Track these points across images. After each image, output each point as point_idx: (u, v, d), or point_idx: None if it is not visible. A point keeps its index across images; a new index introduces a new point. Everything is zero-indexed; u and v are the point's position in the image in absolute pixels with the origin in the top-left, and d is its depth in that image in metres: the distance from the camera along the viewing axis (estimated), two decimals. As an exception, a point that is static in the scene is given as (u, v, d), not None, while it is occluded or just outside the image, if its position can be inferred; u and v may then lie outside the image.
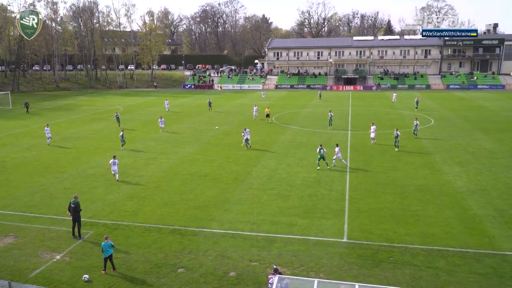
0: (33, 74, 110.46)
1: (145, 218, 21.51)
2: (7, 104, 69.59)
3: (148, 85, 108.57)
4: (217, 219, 21.21)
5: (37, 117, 57.30)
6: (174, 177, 28.53)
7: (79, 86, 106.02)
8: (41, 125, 50.79)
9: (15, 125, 51.29)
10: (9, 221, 21.35)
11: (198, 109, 62.31)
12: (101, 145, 38.99)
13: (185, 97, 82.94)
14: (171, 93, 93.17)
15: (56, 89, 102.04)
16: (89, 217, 21.65)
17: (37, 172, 30.23)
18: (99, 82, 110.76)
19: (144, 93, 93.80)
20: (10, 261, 17.35)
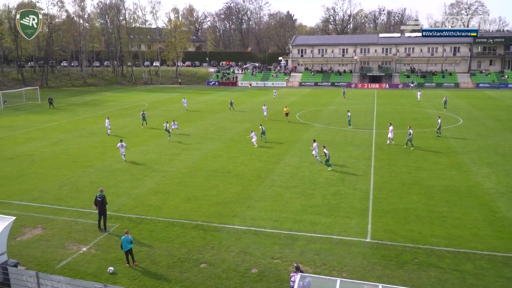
0: (61, 70, 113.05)
1: (169, 213, 21.79)
2: (36, 99, 71.43)
3: (172, 82, 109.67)
4: (239, 216, 21.30)
5: (65, 112, 58.63)
6: (198, 173, 28.77)
7: (105, 82, 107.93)
8: (69, 119, 51.99)
9: (43, 119, 52.60)
10: (38, 213, 21.95)
11: (222, 106, 62.60)
12: (126, 140, 39.51)
13: (209, 94, 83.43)
14: (195, 89, 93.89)
15: (83, 85, 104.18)
16: (114, 210, 22.06)
17: (64, 165, 30.96)
18: (125, 78, 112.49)
19: (168, 89, 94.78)
20: (38, 252, 17.85)
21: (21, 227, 20.14)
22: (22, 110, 61.91)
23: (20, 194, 24.86)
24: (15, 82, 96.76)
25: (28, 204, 23.18)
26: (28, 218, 21.22)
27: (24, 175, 28.71)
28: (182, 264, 16.81)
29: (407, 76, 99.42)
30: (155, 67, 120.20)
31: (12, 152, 34.96)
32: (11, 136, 41.85)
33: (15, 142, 39.12)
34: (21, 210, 22.33)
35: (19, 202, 23.53)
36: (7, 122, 51.17)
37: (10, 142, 38.92)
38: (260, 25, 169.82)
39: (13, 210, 22.13)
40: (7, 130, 45.43)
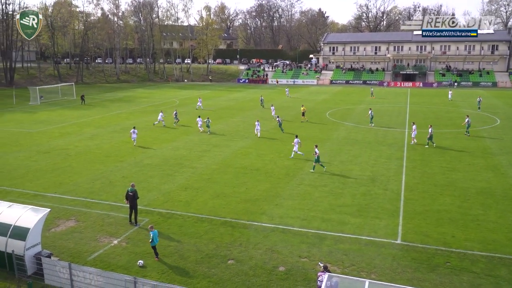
0: (95, 66, 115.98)
1: (197, 208, 22.03)
2: (71, 95, 73.49)
3: (203, 79, 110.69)
4: (267, 213, 21.31)
5: (99, 108, 60.10)
6: (227, 169, 28.97)
7: (138, 79, 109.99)
8: (102, 115, 53.30)
9: (78, 115, 54.10)
10: (72, 205, 22.61)
11: (252, 104, 62.75)
12: (158, 136, 40.28)
13: (239, 92, 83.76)
14: (225, 87, 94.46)
15: (117, 81, 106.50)
16: (144, 205, 22.48)
17: (98, 160, 31.77)
18: (157, 75, 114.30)
19: (199, 86, 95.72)
20: (71, 243, 18.39)
21: (55, 219, 20.79)
22: (57, 105, 63.85)
23: (54, 187, 25.68)
24: (51, 78, 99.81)
25: (62, 197, 23.91)
26: (62, 211, 21.88)
27: (59, 168, 29.63)
28: (210, 260, 16.96)
29: (442, 75, 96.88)
30: (187, 64, 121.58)
31: (48, 146, 36.12)
32: (47, 131, 43.24)
33: (51, 136, 40.40)
34: (55, 202, 23.06)
35: (53, 194, 24.31)
36: (43, 117, 52.89)
37: (46, 137, 40.22)
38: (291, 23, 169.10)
39: (47, 202, 22.87)
40: (44, 124, 46.95)
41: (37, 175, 28.04)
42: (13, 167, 30.05)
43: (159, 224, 20.04)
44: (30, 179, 27.27)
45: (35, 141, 38.45)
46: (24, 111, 58.08)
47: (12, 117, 52.77)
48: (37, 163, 30.95)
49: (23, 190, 25.01)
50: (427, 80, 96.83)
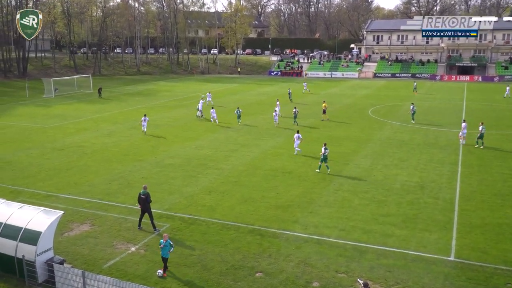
0: (114, 57, 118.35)
1: (223, 214, 22.13)
2: (88, 87, 75.32)
3: (231, 71, 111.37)
4: (301, 222, 21.20)
5: (117, 102, 61.35)
6: (256, 172, 29.01)
7: (160, 71, 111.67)
8: (121, 110, 54.35)
9: (95, 109, 55.37)
10: (86, 208, 23.12)
11: (284, 99, 62.62)
12: (180, 133, 40.76)
13: (271, 85, 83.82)
14: (255, 80, 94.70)
15: (137, 73, 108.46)
16: (165, 209, 22.76)
17: (115, 159, 32.40)
18: (180, 66, 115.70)
19: (227, 79, 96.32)
20: (85, 249, 18.79)
21: (69, 222, 21.30)
22: (73, 98, 65.57)
23: (69, 187, 26.33)
24: (67, 69, 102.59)
25: (77, 198, 24.49)
26: (76, 213, 22.41)
27: (73, 167, 30.38)
28: (235, 271, 16.99)
29: (504, 68, 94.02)
30: (213, 55, 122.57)
31: (62, 143, 37.11)
32: (61, 126, 44.44)
33: (66, 132, 41.49)
34: (69, 204, 23.63)
35: (67, 195, 24.92)
36: (58, 111, 54.40)
37: (61, 133, 41.33)
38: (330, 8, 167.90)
39: (61, 204, 23.47)
40: (58, 119, 48.28)
41: (50, 174, 28.83)
42: (25, 165, 31.00)
43: (180, 231, 20.24)
44: (42, 178, 28.07)
45: (48, 137, 39.58)
46: (38, 104, 59.93)
47: (25, 110, 54.51)
48: (51, 161, 31.82)
49: (34, 190, 25.76)
50: (487, 73, 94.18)
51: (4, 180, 27.66)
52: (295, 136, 33.17)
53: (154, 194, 24.63)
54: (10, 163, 31.43)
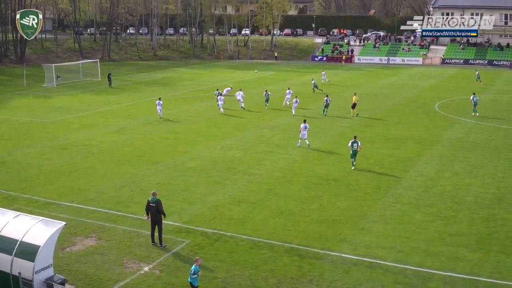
0: (126, 39, 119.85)
1: (254, 229, 22.19)
2: (95, 75, 76.66)
3: (266, 56, 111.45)
4: (349, 240, 21.06)
5: (129, 92, 62.32)
6: (294, 178, 28.97)
7: (180, 55, 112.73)
8: (134, 102, 55.19)
9: (103, 101, 56.44)
10: (92, 218, 23.59)
11: (331, 90, 62.27)
12: (203, 131, 41.11)
13: (314, 73, 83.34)
14: (295, 66, 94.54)
15: (153, 58, 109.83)
16: (185, 222, 23.00)
17: (127, 160, 32.95)
18: (205, 50, 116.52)
19: (261, 65, 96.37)
20: (91, 268, 19.19)
21: (71, 235, 21.78)
22: (78, 88, 66.95)
23: (72, 193, 26.93)
24: (71, 53, 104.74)
25: (81, 207, 25.02)
26: (80, 225, 22.89)
27: (77, 170, 31.05)
28: (269, 299, 17.02)
29: None
30: (244, 36, 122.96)
31: (65, 141, 37.98)
32: (64, 121, 45.49)
33: (69, 128, 42.45)
34: (72, 213, 24.16)
35: (70, 203, 25.49)
36: (60, 102, 55.70)
37: (63, 128, 42.31)
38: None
39: (62, 213, 24.01)
40: (60, 112, 49.42)
41: (51, 178, 29.55)
42: (22, 166, 31.88)
43: (203, 248, 20.41)
44: (41, 182, 28.81)
45: (49, 133, 40.59)
46: (37, 95, 61.53)
47: (22, 102, 56.05)
48: (51, 162, 32.61)
49: (32, 196, 26.45)
50: None
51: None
52: (302, 126, 35.21)
53: (172, 204, 24.95)
54: (4, 164, 32.37)
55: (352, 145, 30.66)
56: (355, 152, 30.65)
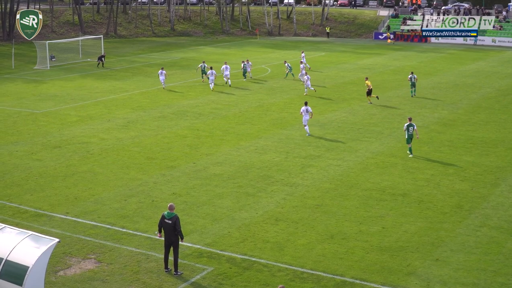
0: (137, 9, 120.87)
1: (296, 256, 22.08)
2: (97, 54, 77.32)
3: (315, 32, 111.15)
4: (419, 274, 20.84)
5: (140, 77, 62.84)
6: (349, 192, 28.80)
7: (205, 30, 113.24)
8: (145, 89, 55.68)
9: (107, 88, 57.16)
10: (91, 235, 23.83)
11: (399, 77, 61.76)
12: (233, 128, 41.25)
13: (377, 55, 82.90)
14: (352, 46, 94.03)
15: (170, 33, 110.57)
16: (207, 244, 23.02)
17: (135, 163, 33.24)
18: (236, 24, 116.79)
19: (307, 44, 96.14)
20: (88, 298, 19.44)
21: (66, 255, 22.02)
22: (76, 71, 68.02)
23: (66, 203, 27.28)
24: (69, 28, 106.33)
25: (78, 221, 25.29)
26: (77, 243, 23.12)
27: (74, 174, 31.46)
28: None
29: None
30: (287, 6, 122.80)
31: (59, 137, 38.58)
32: (59, 112, 46.22)
33: (64, 121, 43.11)
34: (66, 228, 24.44)
35: (64, 215, 25.81)
36: (54, 88, 56.64)
37: (58, 121, 42.98)
38: None
39: (54, 228, 24.34)
40: (54, 101, 50.25)
41: (41, 183, 30.02)
42: (8, 168, 32.51)
43: (229, 279, 20.42)
44: (31, 188, 29.28)
45: (40, 127, 41.31)
46: (27, 79, 62.75)
47: (9, 88, 57.28)
48: (42, 164, 33.15)
49: (19, 206, 26.93)
50: None
51: (-25, 190, 29.16)
52: (303, 109, 38.85)
53: (192, 221, 25.09)
54: (-17, 165, 33.12)
55: (408, 129, 33.76)
56: (410, 137, 33.81)
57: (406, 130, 33.99)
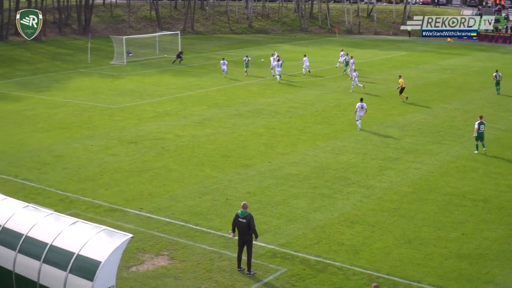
0: (215, 6, 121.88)
1: (371, 260, 21.96)
2: (174, 50, 78.24)
3: (396, 31, 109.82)
4: (498, 283, 20.52)
5: (217, 74, 63.22)
6: (428, 196, 28.47)
7: (283, 28, 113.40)
8: (221, 86, 56.17)
9: (184, 84, 58.00)
10: (165, 232, 24.28)
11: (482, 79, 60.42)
12: (309, 127, 41.27)
13: (460, 55, 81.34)
14: (434, 46, 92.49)
15: (247, 30, 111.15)
16: (281, 244, 23.13)
17: (210, 161, 33.66)
18: (314, 22, 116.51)
19: (388, 43, 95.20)
20: (161, 294, 19.81)
21: (139, 251, 22.52)
22: (153, 67, 69.24)
23: (140, 199, 27.89)
24: (146, 23, 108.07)
25: (151, 217, 25.82)
26: (150, 239, 23.61)
27: (149, 170, 32.10)
28: None
29: None
30: (367, 4, 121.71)
31: (134, 133, 39.39)
32: (135, 107, 47.16)
33: (141, 117, 43.97)
34: (139, 224, 25.00)
35: (138, 211, 26.41)
36: (131, 84, 57.90)
37: (134, 117, 43.87)
38: None
39: (128, 223, 24.94)
40: (130, 97, 51.31)
41: (116, 178, 30.77)
42: (82, 162, 33.41)
43: (303, 280, 20.45)
44: (105, 183, 30.06)
45: (116, 123, 42.28)
46: (103, 74, 64.32)
47: (85, 82, 58.81)
48: (117, 159, 33.95)
49: (93, 200, 27.66)
50: None
51: (52, 182, 30.10)
52: (358, 105, 39.99)
53: (266, 220, 25.25)
54: (61, 158, 34.10)
55: (479, 127, 34.61)
56: (481, 135, 34.77)
57: (477, 129, 34.67)
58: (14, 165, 32.80)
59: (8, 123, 41.99)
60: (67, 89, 55.20)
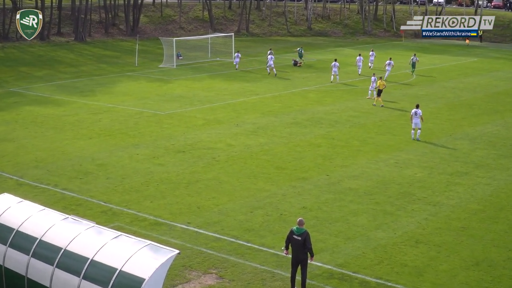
0: (272, 6, 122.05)
1: (437, 283, 21.68)
2: (228, 54, 78.70)
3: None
4: None
5: (272, 80, 63.36)
6: (499, 215, 28.05)
7: (345, 30, 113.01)
8: (277, 92, 56.15)
9: (237, 90, 58.19)
10: (213, 249, 24.28)
11: None
12: (371, 138, 40.95)
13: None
14: (507, 52, 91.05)
15: (307, 33, 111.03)
16: (338, 264, 22.95)
17: (263, 173, 33.63)
18: (379, 24, 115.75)
19: (456, 48, 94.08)
20: (209, 315, 19.84)
21: (185, 268, 22.56)
22: (204, 71, 69.67)
23: (189, 212, 27.99)
24: (198, 24, 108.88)
25: (200, 232, 25.86)
26: (198, 255, 23.63)
27: (198, 181, 32.21)
28: None
29: None
30: (436, 6, 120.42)
31: (183, 141, 39.60)
32: (184, 114, 47.43)
33: (190, 124, 44.20)
34: (186, 239, 25.07)
35: (185, 225, 26.48)
36: (180, 89, 58.30)
37: (182, 124, 44.13)
38: None
39: (175, 238, 25.03)
40: (179, 103, 51.64)
41: (163, 190, 30.95)
42: (127, 172, 33.71)
43: (361, 304, 20.27)
44: (151, 195, 30.25)
45: (164, 130, 42.57)
46: (151, 78, 64.90)
47: (132, 87, 59.45)
48: (165, 169, 34.15)
49: (138, 213, 27.85)
50: None
51: (94, 193, 30.43)
52: (412, 112, 40.48)
53: (323, 238, 25.12)
54: (104, 167, 34.47)
55: None
56: None
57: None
58: (54, 174, 33.24)
59: (48, 129, 42.58)
60: (112, 94, 55.82)
